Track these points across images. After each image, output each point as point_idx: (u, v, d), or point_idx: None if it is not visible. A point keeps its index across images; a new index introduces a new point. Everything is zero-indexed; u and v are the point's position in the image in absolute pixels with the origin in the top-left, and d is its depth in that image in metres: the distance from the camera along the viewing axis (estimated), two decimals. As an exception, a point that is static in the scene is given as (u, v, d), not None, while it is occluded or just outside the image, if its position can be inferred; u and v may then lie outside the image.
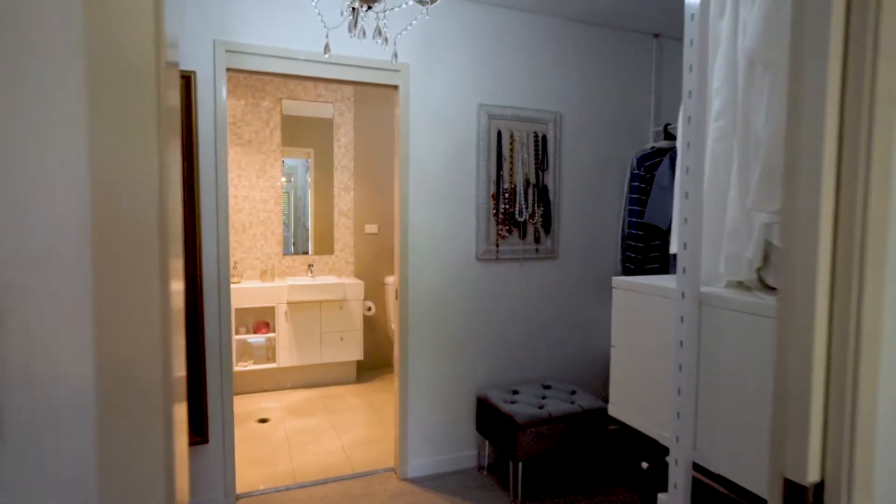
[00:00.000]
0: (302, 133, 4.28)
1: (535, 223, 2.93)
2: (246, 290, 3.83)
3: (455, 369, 2.83)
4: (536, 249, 2.95)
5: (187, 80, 2.22)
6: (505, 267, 2.90)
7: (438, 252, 2.75)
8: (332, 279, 4.23)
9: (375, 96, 4.45)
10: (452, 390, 2.83)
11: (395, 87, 2.65)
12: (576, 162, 3.03)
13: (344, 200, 4.43)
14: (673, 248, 1.68)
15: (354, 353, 4.15)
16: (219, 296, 2.37)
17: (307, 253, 4.35)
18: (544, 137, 2.92)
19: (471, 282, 2.83)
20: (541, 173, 2.92)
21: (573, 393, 2.80)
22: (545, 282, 3.01)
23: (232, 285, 3.94)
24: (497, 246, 2.85)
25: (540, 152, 2.91)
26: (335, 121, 4.35)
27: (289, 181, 4.33)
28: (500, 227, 2.85)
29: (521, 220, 2.88)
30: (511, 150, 2.85)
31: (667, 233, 2.91)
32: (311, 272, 4.27)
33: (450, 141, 2.74)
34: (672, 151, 2.91)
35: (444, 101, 2.71)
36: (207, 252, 2.32)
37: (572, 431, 2.56)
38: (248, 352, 4.04)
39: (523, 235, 2.90)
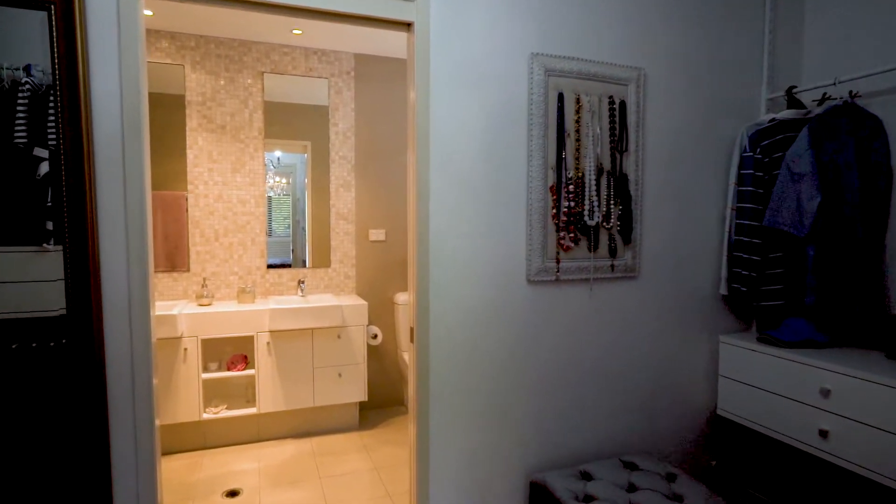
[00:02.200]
0: (296, 122, 3.42)
1: (611, 228, 2.04)
2: (217, 317, 2.97)
3: (496, 438, 1.94)
4: (612, 266, 2.05)
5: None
6: (568, 291, 2.01)
7: (473, 271, 1.87)
8: (327, 299, 3.36)
9: (381, 70, 3.58)
10: (493, 469, 1.94)
11: (408, 26, 1.77)
12: (664, 140, 2.13)
13: (343, 200, 3.56)
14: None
15: (356, 392, 3.27)
16: (130, 327, 1.51)
17: (304, 265, 3.49)
18: (622, 105, 2.02)
19: (519, 314, 1.94)
20: (618, 156, 2.03)
21: (672, 479, 1.90)
22: (623, 311, 2.11)
23: (200, 309, 3.09)
24: (557, 261, 1.96)
25: (617, 126, 2.02)
26: (331, 101, 3.49)
27: (287, 181, 3.48)
28: (561, 234, 1.96)
29: (592, 223, 1.99)
30: (577, 121, 1.96)
31: (802, 241, 2.00)
32: (302, 290, 3.40)
33: (489, 108, 1.86)
34: (812, 122, 2.01)
35: (481, 48, 1.83)
36: (111, 266, 1.45)
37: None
38: (220, 393, 3.18)
39: (594, 246, 2.01)
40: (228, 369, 3.10)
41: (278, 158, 3.46)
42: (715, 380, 2.29)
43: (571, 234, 1.97)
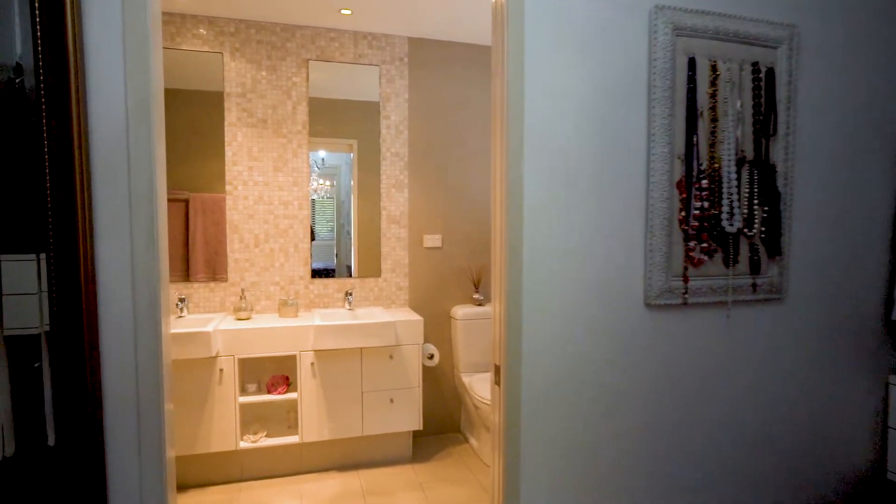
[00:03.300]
0: (342, 119, 3.06)
1: (753, 236, 1.56)
2: (257, 333, 2.63)
3: (602, 510, 1.49)
4: (753, 285, 1.57)
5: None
6: (697, 318, 1.54)
7: (575, 293, 1.43)
8: (378, 314, 2.98)
9: (438, 55, 3.18)
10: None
11: (499, -30, 1.35)
12: (822, 121, 1.63)
13: (395, 202, 3.18)
14: None
15: (410, 420, 2.87)
16: (136, 345, 1.14)
17: (349, 272, 3.13)
18: (770, 74, 1.54)
19: (635, 348, 1.49)
20: (763, 142, 1.55)
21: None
22: (765, 344, 1.62)
23: (237, 324, 2.76)
24: (685, 279, 1.49)
25: (763, 101, 1.54)
26: (382, 91, 3.11)
27: (332, 183, 3.13)
28: (690, 243, 1.49)
29: (732, 230, 1.51)
30: (713, 95, 1.49)
31: None
32: (349, 303, 3.03)
33: (598, 79, 1.42)
34: None
35: (589, 1, 1.40)
36: (109, 277, 1.09)
37: None
38: (259, 419, 2.84)
39: (732, 260, 1.53)
40: (268, 392, 2.75)
41: (322, 159, 3.11)
42: (882, 434, 1.76)
43: (704, 244, 1.50)
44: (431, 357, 3.04)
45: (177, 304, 2.76)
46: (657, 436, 1.53)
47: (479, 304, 3.24)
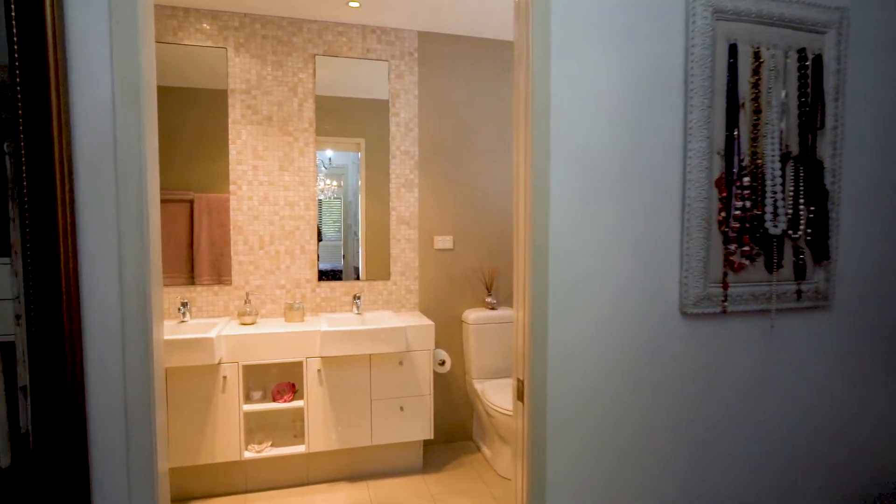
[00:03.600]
0: (349, 118, 2.96)
1: (798, 238, 1.43)
2: (262, 339, 2.52)
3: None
4: (798, 292, 1.44)
5: None
6: (737, 328, 1.41)
7: (605, 302, 1.31)
8: (387, 318, 2.87)
9: (449, 50, 3.07)
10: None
11: (523, -53, 1.24)
12: (873, 114, 1.50)
13: (405, 202, 3.07)
14: None
15: (421, 429, 2.76)
16: (123, 354, 1.03)
17: (356, 273, 3.02)
18: (817, 62, 1.41)
19: (669, 360, 1.37)
20: (809, 136, 1.42)
21: None
22: (810, 357, 1.50)
23: (242, 329, 2.65)
24: (724, 286, 1.37)
25: (809, 91, 1.41)
26: (391, 87, 3.00)
27: (339, 184, 3.02)
28: (731, 246, 1.37)
29: (777, 231, 1.39)
30: (755, 84, 1.37)
31: None
32: (358, 307, 2.92)
33: (630, 67, 1.30)
34: None
35: (623, -19, 1.28)
36: (94, 280, 0.99)
37: None
38: (264, 427, 2.74)
39: (774, 264, 1.41)
40: (274, 400, 2.65)
41: (329, 159, 3.00)
42: (935, 452, 1.63)
43: (746, 248, 1.37)
44: (443, 363, 2.92)
45: (179, 309, 2.66)
46: (691, 454, 1.40)
47: (492, 308, 3.12)
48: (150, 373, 1.07)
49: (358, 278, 3.02)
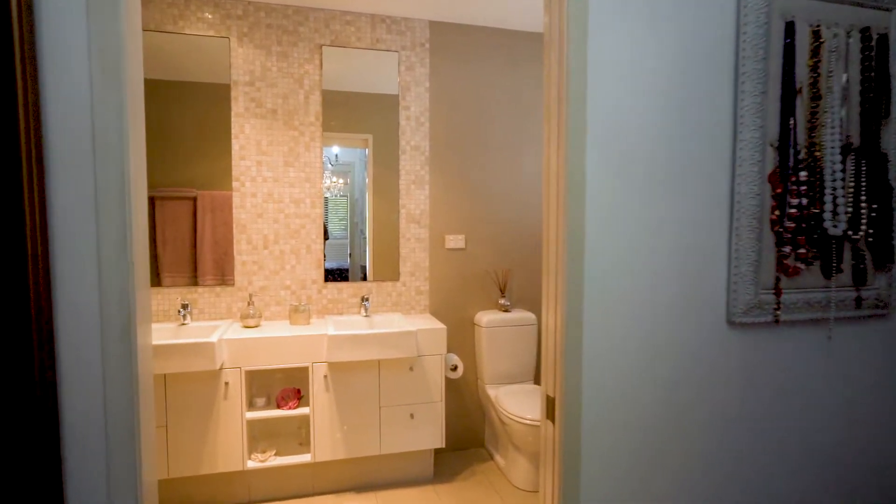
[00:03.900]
0: (356, 113, 2.82)
1: (858, 240, 1.28)
2: (266, 343, 2.40)
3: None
4: (858, 299, 1.30)
5: None
6: (791, 339, 1.27)
7: (640, 305, 1.17)
8: (397, 321, 2.75)
9: (462, 41, 2.93)
10: None
11: (558, -90, 1.10)
12: (940, 100, 1.35)
13: (415, 200, 2.93)
14: None
15: (432, 437, 2.63)
16: (103, 363, 0.91)
17: (363, 272, 2.89)
18: (882, 41, 1.27)
19: (715, 374, 1.23)
20: (872, 126, 1.28)
21: None
22: (872, 371, 1.35)
23: (245, 333, 2.51)
24: (777, 292, 1.23)
25: (873, 76, 1.27)
26: (402, 79, 2.87)
27: (345, 181, 2.89)
28: (784, 248, 1.23)
29: (837, 232, 1.24)
30: (814, 68, 1.22)
31: None
32: (366, 309, 2.79)
33: (673, 49, 1.16)
34: None
35: (669, -50, 1.14)
36: (69, 286, 0.86)
37: None
38: (268, 435, 2.62)
39: (832, 269, 1.26)
40: (278, 406, 2.52)
41: (336, 156, 2.87)
42: None
43: (802, 250, 1.23)
44: (455, 368, 2.79)
45: (179, 311, 2.54)
46: (743, 482, 1.27)
47: (506, 310, 2.98)
48: (134, 379, 0.96)
49: (365, 277, 2.90)
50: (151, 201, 2.56)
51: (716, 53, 1.18)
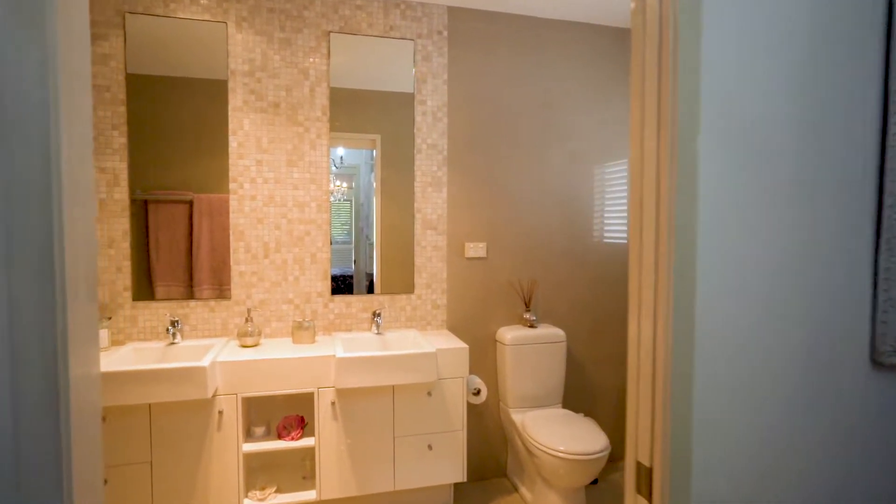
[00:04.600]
0: (363, 111, 2.54)
1: None
2: (265, 366, 2.11)
3: None
4: None
5: None
6: (947, 384, 0.98)
7: (758, 340, 0.88)
8: (412, 339, 2.46)
9: (484, 29, 2.65)
10: None
11: None
12: None
13: (431, 203, 2.65)
14: None
15: (452, 470, 2.33)
16: (13, 396, 0.64)
17: (369, 281, 2.60)
18: None
19: (856, 427, 0.94)
20: None
21: None
22: None
23: (242, 354, 2.17)
24: (934, 324, 0.94)
25: None
26: (418, 70, 2.59)
27: (350, 185, 2.61)
28: (944, 266, 0.94)
29: None
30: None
31: None
32: (378, 326, 2.50)
33: (809, 18, 0.87)
34: None
35: None
36: None
37: None
38: (268, 468, 2.32)
39: None
40: (279, 437, 2.23)
41: (341, 157, 2.58)
42: None
43: (966, 268, 0.94)
44: (478, 393, 2.50)
45: (168, 329, 2.25)
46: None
47: (531, 326, 2.70)
48: (64, 421, 0.68)
49: (371, 285, 2.60)
50: (144, 205, 2.29)
51: (862, 23, 0.90)
